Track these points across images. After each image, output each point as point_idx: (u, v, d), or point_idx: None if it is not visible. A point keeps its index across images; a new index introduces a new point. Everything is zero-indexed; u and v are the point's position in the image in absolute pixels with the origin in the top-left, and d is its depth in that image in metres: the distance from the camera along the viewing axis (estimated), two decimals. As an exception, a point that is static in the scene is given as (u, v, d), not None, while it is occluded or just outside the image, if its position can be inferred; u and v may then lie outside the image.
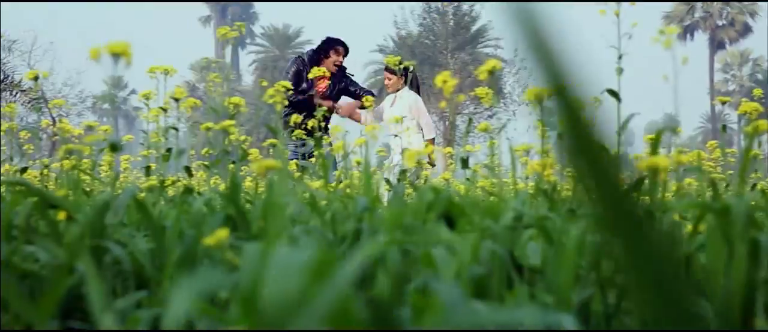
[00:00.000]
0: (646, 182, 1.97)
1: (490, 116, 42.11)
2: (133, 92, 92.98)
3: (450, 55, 44.04)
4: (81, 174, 3.53)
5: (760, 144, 3.10)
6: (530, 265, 2.00)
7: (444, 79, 2.50)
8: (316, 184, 3.45)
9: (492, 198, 4.63)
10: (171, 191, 4.42)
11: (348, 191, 3.28)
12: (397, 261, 1.18)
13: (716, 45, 63.60)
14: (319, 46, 9.48)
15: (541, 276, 1.99)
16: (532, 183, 5.48)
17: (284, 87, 4.41)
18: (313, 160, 4.79)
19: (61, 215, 2.06)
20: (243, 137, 4.03)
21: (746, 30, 62.97)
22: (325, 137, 4.78)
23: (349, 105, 9.30)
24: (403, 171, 4.27)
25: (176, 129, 3.61)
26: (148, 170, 4.43)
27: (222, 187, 4.66)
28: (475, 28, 45.96)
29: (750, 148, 2.39)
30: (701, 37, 63.87)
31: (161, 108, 4.30)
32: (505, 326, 1.11)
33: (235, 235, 2.03)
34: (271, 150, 5.35)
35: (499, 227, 1.96)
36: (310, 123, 4.47)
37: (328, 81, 9.21)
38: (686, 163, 2.79)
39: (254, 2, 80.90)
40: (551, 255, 1.89)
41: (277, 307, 0.84)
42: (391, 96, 9.31)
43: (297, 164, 5.29)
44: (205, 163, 4.16)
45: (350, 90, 9.48)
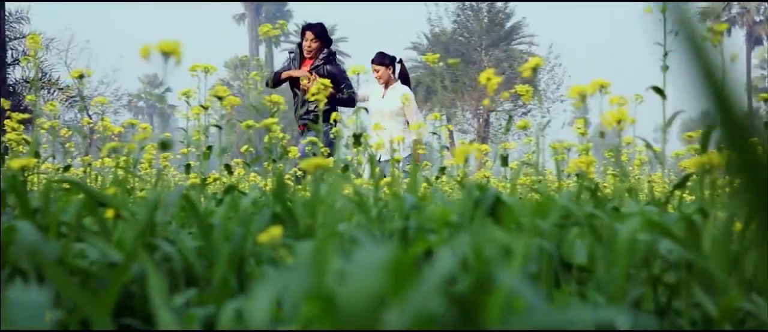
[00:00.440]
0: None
1: (525, 114, 41.96)
2: (169, 89, 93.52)
3: (484, 52, 43.95)
4: (124, 172, 3.56)
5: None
6: (578, 263, 1.99)
7: (488, 77, 2.49)
8: (360, 180, 3.45)
9: (535, 195, 4.61)
10: (212, 189, 4.45)
11: (387, 188, 3.28)
12: (452, 261, 1.18)
13: (753, 41, 62.93)
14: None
15: (589, 274, 1.98)
16: (572, 180, 5.45)
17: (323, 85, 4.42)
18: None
19: (109, 213, 2.07)
20: (281, 135, 4.03)
21: (784, 25, 62.23)
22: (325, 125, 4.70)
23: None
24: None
25: (220, 127, 3.63)
26: (188, 168, 4.46)
27: (262, 184, 4.68)
28: (509, 25, 45.84)
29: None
30: (738, 33, 63.21)
31: (202, 106, 4.32)
32: (586, 326, 1.11)
33: (283, 233, 2.04)
34: (309, 148, 5.36)
35: (547, 225, 1.95)
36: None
37: (306, 68, 9.02)
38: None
39: (288, 0, 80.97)
40: (600, 253, 1.88)
41: (359, 307, 0.84)
42: (379, 88, 9.12)
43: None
44: (246, 161, 4.18)
45: (337, 80, 8.86)
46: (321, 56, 9.11)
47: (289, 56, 9.44)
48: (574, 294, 1.77)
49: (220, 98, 3.46)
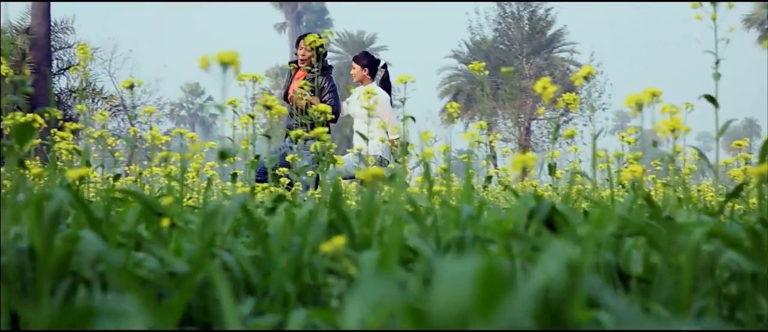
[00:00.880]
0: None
1: (566, 121, 41.73)
2: (210, 98, 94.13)
3: (525, 60, 43.78)
4: (175, 181, 3.58)
5: None
6: (636, 274, 1.97)
7: (544, 86, 2.48)
8: (414, 189, 3.45)
9: (583, 205, 4.57)
10: (260, 198, 4.47)
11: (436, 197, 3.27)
12: (546, 274, 1.16)
13: (798, 47, 62.02)
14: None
15: (646, 284, 1.96)
16: (620, 189, 5.40)
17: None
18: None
19: (165, 223, 2.09)
20: (329, 144, 4.04)
21: (829, 31, 61.41)
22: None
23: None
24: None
25: (269, 137, 3.64)
26: (234, 177, 4.48)
27: (310, 193, 4.69)
28: (550, 33, 45.64)
29: None
30: (783, 39, 62.31)
31: (250, 115, 4.34)
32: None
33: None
34: (353, 156, 5.37)
35: (604, 235, 1.93)
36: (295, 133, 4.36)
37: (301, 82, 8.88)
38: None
39: (329, 6, 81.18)
40: (660, 263, 1.86)
41: (450, 319, 0.84)
42: (360, 89, 8.99)
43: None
44: (294, 170, 4.19)
45: (324, 92, 8.86)
46: (317, 67, 9.07)
47: (289, 71, 9.37)
48: (635, 305, 1.75)
49: (268, 108, 3.48)
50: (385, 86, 9.03)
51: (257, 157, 4.06)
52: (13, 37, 26.08)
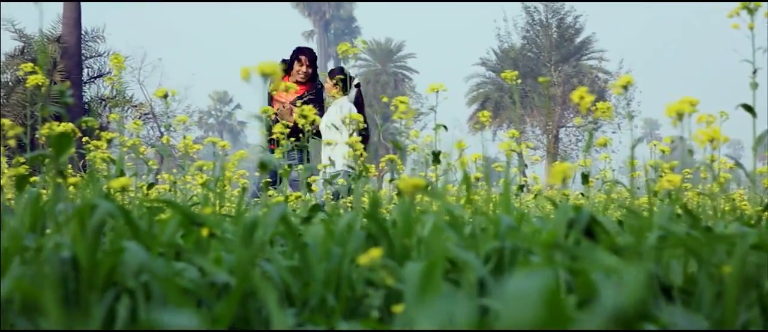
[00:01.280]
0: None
1: (595, 129, 41.53)
2: (238, 106, 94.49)
3: (553, 68, 43.64)
4: (210, 190, 3.60)
5: None
6: (676, 285, 1.96)
7: (581, 95, 2.47)
8: (451, 198, 3.44)
9: (616, 214, 4.55)
10: (292, 206, 4.47)
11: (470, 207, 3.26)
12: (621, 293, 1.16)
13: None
14: (291, 56, 9.24)
15: (687, 296, 1.95)
16: (653, 198, 5.37)
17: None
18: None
19: (204, 232, 2.09)
20: (362, 153, 4.05)
21: None
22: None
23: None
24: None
25: (306, 147, 3.65)
26: (266, 186, 4.49)
27: (347, 201, 4.70)
28: (579, 40, 45.46)
29: None
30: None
31: (285, 124, 4.36)
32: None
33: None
34: (385, 167, 5.37)
35: (646, 246, 1.92)
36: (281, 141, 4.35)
37: (295, 95, 8.82)
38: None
39: (357, 14, 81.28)
40: (702, 275, 1.84)
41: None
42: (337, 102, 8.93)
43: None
44: (328, 179, 4.20)
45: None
46: (313, 89, 9.11)
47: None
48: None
49: (305, 117, 3.49)
50: (357, 105, 8.97)
51: (290, 166, 4.07)
52: (45, 45, 26.31)
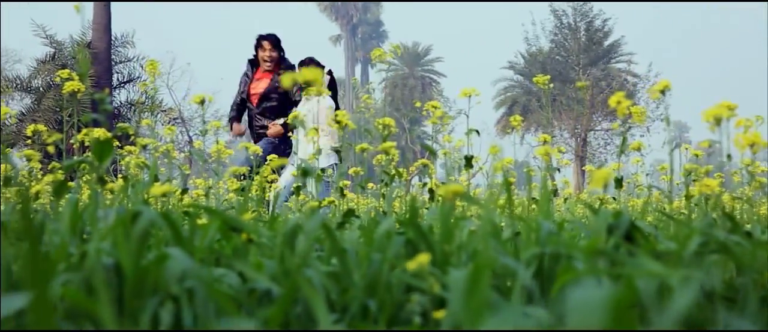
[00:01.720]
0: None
1: (622, 132, 41.28)
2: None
3: (582, 71, 43.45)
4: (244, 196, 3.61)
5: None
6: (718, 291, 1.94)
7: (618, 100, 2.46)
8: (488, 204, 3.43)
9: (649, 219, 4.53)
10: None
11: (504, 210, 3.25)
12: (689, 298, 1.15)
13: None
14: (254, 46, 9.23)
15: (730, 302, 1.93)
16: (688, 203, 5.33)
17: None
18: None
19: (243, 238, 2.10)
20: (384, 158, 4.04)
21: None
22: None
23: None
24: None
25: (339, 151, 3.66)
26: (298, 190, 4.50)
27: (377, 205, 4.69)
28: (607, 43, 45.25)
29: None
30: None
31: (314, 129, 4.37)
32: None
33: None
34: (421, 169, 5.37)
35: (688, 252, 1.91)
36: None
37: (267, 81, 8.95)
38: None
39: (384, 18, 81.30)
40: (744, 281, 1.83)
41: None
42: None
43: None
44: (361, 184, 4.20)
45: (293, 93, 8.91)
46: (281, 69, 9.02)
47: (244, 72, 9.34)
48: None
49: (339, 123, 3.49)
50: (332, 94, 8.89)
51: (323, 171, 4.07)
52: (75, 51, 26.49)
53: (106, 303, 1.20)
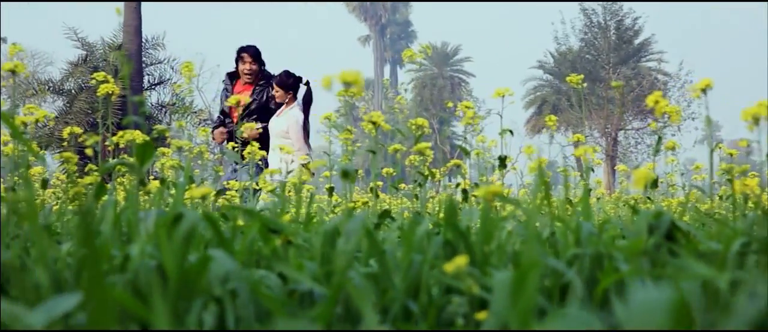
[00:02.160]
0: None
1: (654, 131, 41.10)
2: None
3: (612, 70, 43.23)
4: (279, 196, 3.62)
5: None
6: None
7: (656, 100, 2.44)
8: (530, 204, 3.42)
9: (686, 218, 4.50)
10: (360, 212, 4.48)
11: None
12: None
13: None
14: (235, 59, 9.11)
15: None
16: (724, 202, 5.30)
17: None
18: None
19: (282, 240, 2.11)
20: (418, 159, 4.04)
21: None
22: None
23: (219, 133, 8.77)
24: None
25: (374, 152, 3.65)
26: (330, 191, 4.52)
27: (410, 206, 4.69)
28: (637, 42, 44.98)
29: None
30: None
31: (347, 130, 4.37)
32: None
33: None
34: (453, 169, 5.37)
35: (731, 253, 1.89)
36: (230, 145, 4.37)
37: (247, 94, 8.79)
38: None
39: (413, 18, 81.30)
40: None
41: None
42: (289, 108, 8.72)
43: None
44: (396, 185, 4.20)
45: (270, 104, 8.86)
46: (260, 82, 8.97)
47: (223, 87, 9.29)
48: None
49: (374, 124, 3.49)
50: (306, 101, 8.82)
51: (356, 172, 4.07)
52: (106, 53, 26.67)
53: (161, 308, 1.21)
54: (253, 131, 8.47)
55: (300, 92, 8.82)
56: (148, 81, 28.04)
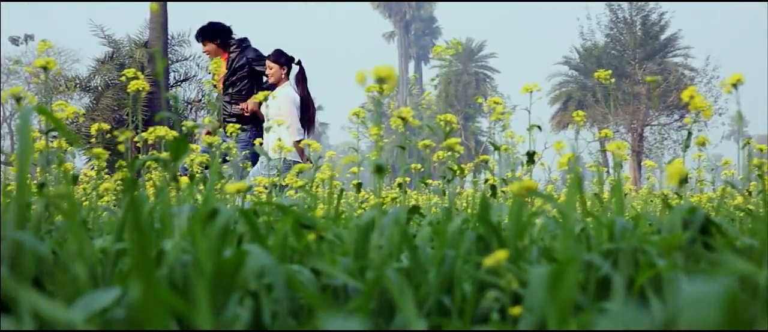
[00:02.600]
0: None
1: (680, 128, 40.93)
2: (320, 107, 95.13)
3: (638, 66, 43.01)
4: (308, 193, 3.63)
5: None
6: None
7: (691, 95, 2.43)
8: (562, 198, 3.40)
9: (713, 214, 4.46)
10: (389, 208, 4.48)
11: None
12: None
13: None
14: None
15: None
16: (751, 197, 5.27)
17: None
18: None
19: (312, 236, 2.11)
20: (445, 154, 4.03)
21: None
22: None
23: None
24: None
25: (404, 148, 3.65)
26: (358, 187, 4.52)
27: (440, 202, 4.69)
28: (664, 37, 44.70)
29: None
30: None
31: (377, 125, 4.37)
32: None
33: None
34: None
35: None
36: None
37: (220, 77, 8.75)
38: None
39: (437, 15, 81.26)
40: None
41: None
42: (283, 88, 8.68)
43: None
44: (424, 180, 4.20)
45: (233, 71, 8.93)
46: (233, 50, 8.95)
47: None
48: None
49: (404, 120, 3.49)
50: (300, 79, 8.73)
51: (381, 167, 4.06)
52: (133, 50, 26.79)
53: (205, 306, 1.21)
54: (253, 105, 8.42)
55: (293, 72, 8.79)
56: (174, 78, 28.14)
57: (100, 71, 26.61)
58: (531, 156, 4.16)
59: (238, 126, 4.67)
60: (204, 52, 9.13)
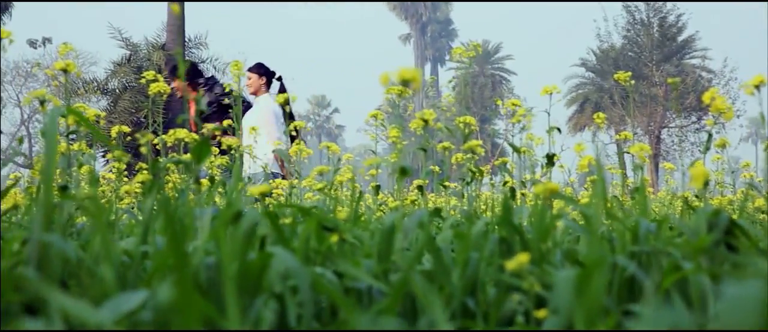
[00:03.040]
0: None
1: (698, 130, 40.81)
2: (336, 110, 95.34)
3: (655, 68, 42.87)
4: (326, 194, 3.64)
5: None
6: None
7: (712, 96, 2.42)
8: (585, 201, 3.40)
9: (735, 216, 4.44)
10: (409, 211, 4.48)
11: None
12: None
13: None
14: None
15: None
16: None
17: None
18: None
19: (334, 237, 2.11)
20: (464, 157, 4.02)
21: None
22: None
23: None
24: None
25: (425, 150, 3.65)
26: (377, 189, 4.52)
27: (459, 204, 4.68)
28: (681, 39, 44.54)
29: None
30: None
31: (397, 128, 4.37)
32: None
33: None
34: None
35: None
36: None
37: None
38: None
39: (454, 16, 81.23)
40: None
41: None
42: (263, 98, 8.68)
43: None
44: (443, 183, 4.19)
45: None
46: (197, 84, 9.08)
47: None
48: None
49: (425, 121, 3.49)
50: (281, 92, 8.71)
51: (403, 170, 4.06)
52: (150, 53, 26.89)
53: (235, 310, 1.21)
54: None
55: (273, 88, 8.79)
56: (192, 80, 28.19)
57: (118, 74, 26.72)
58: (550, 158, 4.15)
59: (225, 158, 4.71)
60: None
